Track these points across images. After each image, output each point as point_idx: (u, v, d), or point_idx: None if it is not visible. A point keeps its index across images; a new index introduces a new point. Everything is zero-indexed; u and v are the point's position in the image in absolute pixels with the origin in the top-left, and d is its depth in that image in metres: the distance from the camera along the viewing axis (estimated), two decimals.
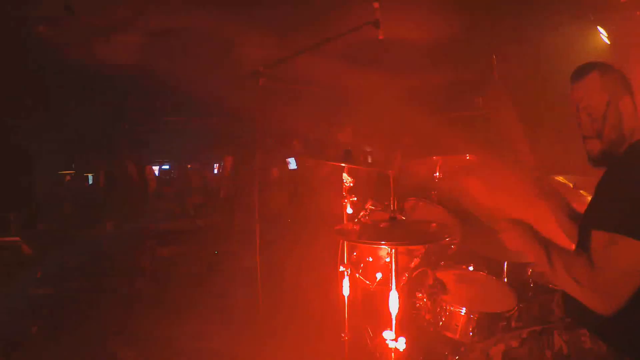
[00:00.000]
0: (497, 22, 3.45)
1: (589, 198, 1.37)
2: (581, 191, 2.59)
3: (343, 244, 2.34)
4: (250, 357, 2.73)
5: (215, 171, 7.09)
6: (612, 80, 1.27)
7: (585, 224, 1.34)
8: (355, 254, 2.34)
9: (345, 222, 2.44)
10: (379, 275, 2.20)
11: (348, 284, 2.39)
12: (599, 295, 1.10)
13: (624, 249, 1.08)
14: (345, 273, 2.36)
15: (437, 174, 2.99)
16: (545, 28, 3.56)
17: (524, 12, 3.34)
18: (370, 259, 2.25)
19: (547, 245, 1.23)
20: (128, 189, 4.11)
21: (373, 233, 1.78)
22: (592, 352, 1.20)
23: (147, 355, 2.79)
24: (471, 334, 1.77)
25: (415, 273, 1.79)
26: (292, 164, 7.23)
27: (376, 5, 1.83)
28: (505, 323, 1.76)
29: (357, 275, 2.31)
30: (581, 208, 1.46)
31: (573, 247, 1.43)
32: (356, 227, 1.96)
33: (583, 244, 1.33)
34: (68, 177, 6.93)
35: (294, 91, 6.20)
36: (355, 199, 2.52)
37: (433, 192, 3.00)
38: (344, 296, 2.41)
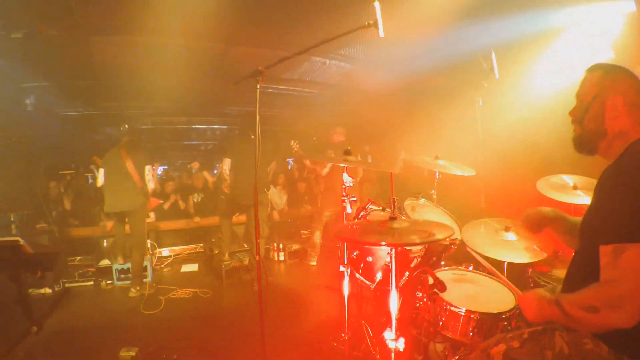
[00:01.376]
0: (497, 18, 3.45)
1: (587, 197, 1.38)
2: (580, 191, 2.60)
3: (343, 244, 2.34)
4: (251, 357, 2.73)
5: (216, 171, 7.10)
6: (612, 80, 1.31)
7: (585, 232, 1.35)
8: (355, 254, 2.34)
9: (345, 222, 2.44)
10: (379, 276, 2.20)
11: (348, 284, 2.39)
12: (618, 309, 1.09)
13: (633, 254, 1.09)
14: (345, 273, 2.36)
15: (438, 174, 2.98)
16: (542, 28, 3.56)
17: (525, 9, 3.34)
18: (370, 259, 2.25)
19: (558, 301, 1.23)
20: (127, 189, 4.09)
21: (373, 234, 1.78)
22: (592, 353, 1.20)
23: (145, 354, 2.79)
24: (471, 334, 1.77)
25: (415, 273, 1.79)
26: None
27: (376, 5, 1.83)
28: (505, 323, 1.76)
29: (357, 275, 2.31)
30: (580, 208, 1.47)
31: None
32: (356, 230, 1.95)
33: (584, 250, 1.34)
34: (68, 177, 6.93)
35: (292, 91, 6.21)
36: (355, 199, 2.53)
37: (433, 192, 3.00)
38: (344, 296, 2.42)
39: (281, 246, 5.37)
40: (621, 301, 1.09)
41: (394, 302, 1.68)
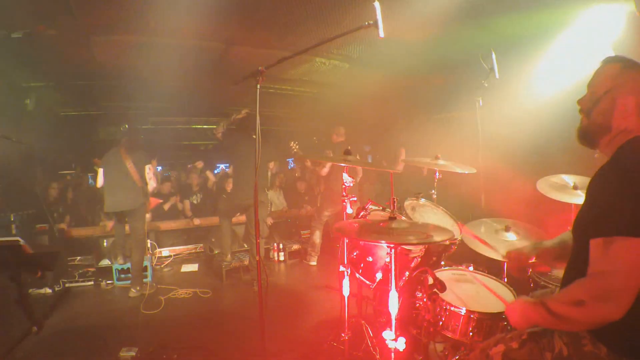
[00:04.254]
0: (497, 18, 3.45)
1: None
2: (580, 191, 2.60)
3: (343, 243, 2.34)
4: (251, 356, 2.73)
5: (216, 171, 7.10)
6: (628, 77, 1.28)
7: (578, 229, 1.35)
8: (355, 253, 2.34)
9: (345, 221, 2.44)
10: (379, 275, 2.20)
11: (348, 284, 2.39)
12: (606, 301, 1.10)
13: (622, 247, 1.10)
14: (345, 273, 2.36)
15: (438, 174, 2.99)
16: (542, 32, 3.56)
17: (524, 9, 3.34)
18: (370, 259, 2.25)
19: (542, 302, 1.23)
20: (127, 189, 4.09)
21: (373, 232, 1.78)
22: (592, 354, 1.20)
23: (145, 354, 2.79)
24: (471, 334, 1.77)
25: (415, 273, 1.79)
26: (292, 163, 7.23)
27: (376, 5, 1.83)
28: (505, 323, 1.76)
29: (357, 275, 2.31)
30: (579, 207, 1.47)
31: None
32: (356, 227, 1.96)
33: (578, 248, 1.34)
34: (68, 177, 6.94)
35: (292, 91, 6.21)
36: (355, 198, 2.53)
37: (433, 192, 3.00)
38: (344, 296, 2.42)
39: (281, 246, 5.38)
40: (609, 293, 1.09)
41: (394, 302, 1.68)
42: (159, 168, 7.89)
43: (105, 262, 4.56)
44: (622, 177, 1.17)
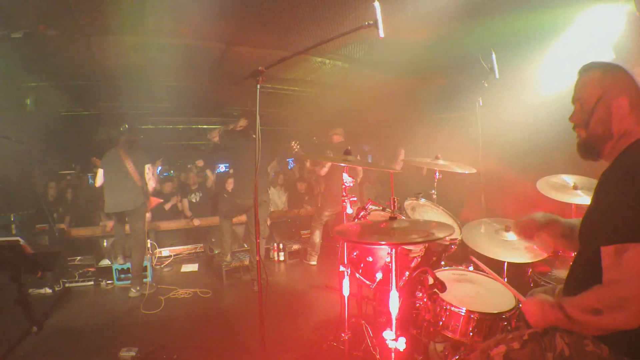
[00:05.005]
0: (497, 18, 3.45)
1: (587, 197, 1.37)
2: (580, 191, 2.60)
3: (343, 244, 2.34)
4: (251, 356, 2.73)
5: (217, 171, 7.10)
6: (613, 80, 1.29)
7: (585, 234, 1.34)
8: (355, 253, 2.34)
9: (345, 222, 2.44)
10: (379, 275, 2.20)
11: (348, 284, 2.39)
12: (621, 310, 1.09)
13: (634, 254, 1.09)
14: (345, 273, 2.36)
15: (438, 175, 2.99)
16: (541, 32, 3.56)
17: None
18: (370, 259, 2.25)
19: (560, 305, 1.24)
20: (127, 189, 4.09)
21: (373, 233, 1.78)
22: (593, 354, 1.20)
23: (145, 354, 2.79)
24: (471, 334, 1.77)
25: (415, 273, 1.79)
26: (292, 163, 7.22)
27: (376, 5, 1.82)
28: (505, 323, 1.76)
29: (357, 275, 2.31)
30: (580, 207, 1.47)
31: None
32: (356, 227, 1.96)
33: (584, 252, 1.34)
34: (68, 177, 6.93)
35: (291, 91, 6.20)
36: (355, 198, 2.53)
37: (433, 192, 3.00)
38: (344, 296, 2.42)
39: (281, 246, 5.38)
40: (624, 302, 1.09)
41: (394, 302, 1.68)
42: (159, 168, 7.90)
43: (105, 262, 4.56)
44: (629, 183, 1.15)
